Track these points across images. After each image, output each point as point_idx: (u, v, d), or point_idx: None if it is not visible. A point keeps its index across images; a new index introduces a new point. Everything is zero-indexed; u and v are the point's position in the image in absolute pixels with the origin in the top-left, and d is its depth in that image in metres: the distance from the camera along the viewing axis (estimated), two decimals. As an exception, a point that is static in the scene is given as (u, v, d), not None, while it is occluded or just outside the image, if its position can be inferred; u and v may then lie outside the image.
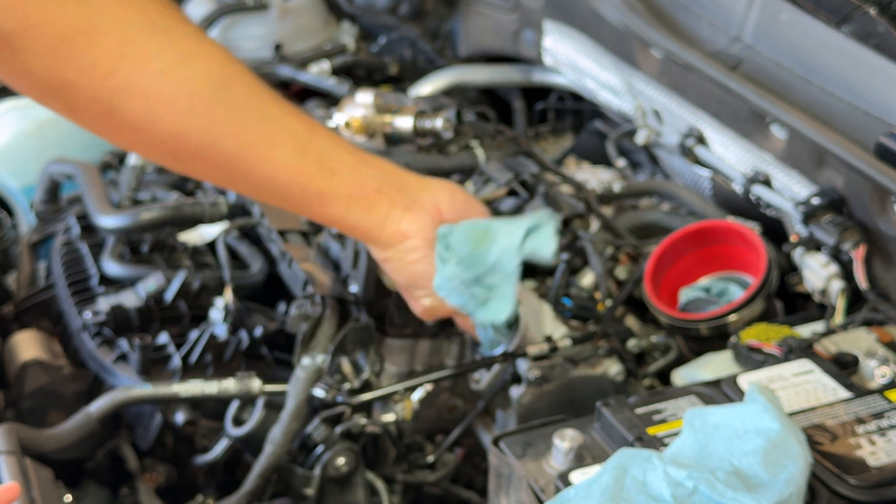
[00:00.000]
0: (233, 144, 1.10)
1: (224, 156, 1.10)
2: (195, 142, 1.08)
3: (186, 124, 1.06)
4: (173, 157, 1.12)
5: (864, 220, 1.34)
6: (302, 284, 1.43)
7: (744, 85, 1.44)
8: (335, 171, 1.17)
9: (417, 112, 1.64)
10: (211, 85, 1.07)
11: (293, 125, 1.14)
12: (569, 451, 1.00)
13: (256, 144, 1.11)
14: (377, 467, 1.34)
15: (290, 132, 1.14)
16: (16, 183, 1.86)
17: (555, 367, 1.32)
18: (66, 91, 1.00)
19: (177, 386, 1.32)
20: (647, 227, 1.64)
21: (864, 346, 1.19)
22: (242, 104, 1.10)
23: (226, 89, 1.08)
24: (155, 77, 1.03)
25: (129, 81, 1.01)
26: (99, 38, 0.99)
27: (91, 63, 0.99)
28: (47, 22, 0.96)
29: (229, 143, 1.10)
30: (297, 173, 1.15)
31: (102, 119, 1.05)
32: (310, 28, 2.19)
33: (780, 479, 0.89)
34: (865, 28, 1.35)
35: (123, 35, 1.00)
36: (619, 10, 1.65)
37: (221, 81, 1.08)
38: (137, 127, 1.05)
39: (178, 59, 1.04)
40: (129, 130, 1.06)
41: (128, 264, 1.57)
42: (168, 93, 1.04)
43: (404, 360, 1.41)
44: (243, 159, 1.11)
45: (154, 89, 1.03)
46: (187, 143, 1.07)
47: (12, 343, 1.50)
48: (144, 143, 1.09)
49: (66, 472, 1.27)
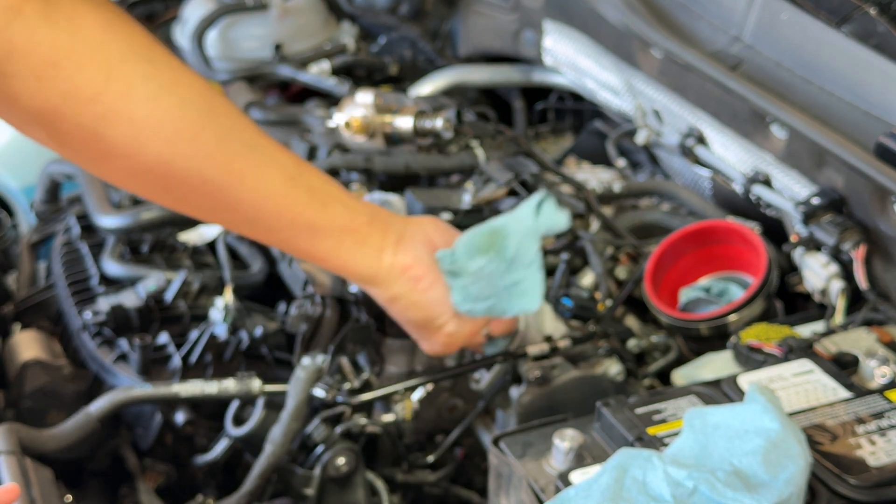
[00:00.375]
0: (221, 173, 1.07)
1: (212, 184, 1.07)
2: (182, 170, 1.06)
3: (174, 151, 1.04)
4: (161, 187, 1.09)
5: (864, 220, 1.34)
6: (302, 284, 1.43)
7: (744, 85, 1.44)
8: (325, 203, 1.14)
9: (417, 112, 1.64)
10: (198, 111, 1.05)
11: (281, 157, 1.11)
12: (569, 451, 1.00)
13: (244, 173, 1.08)
14: (377, 467, 1.34)
15: (279, 163, 1.11)
16: (16, 183, 1.86)
17: (555, 367, 1.32)
18: (50, 117, 0.99)
19: (177, 386, 1.32)
20: (647, 227, 1.64)
21: (864, 346, 1.19)
22: (229, 133, 1.07)
23: (213, 117, 1.06)
24: (141, 103, 1.01)
25: (114, 107, 1.00)
26: (84, 63, 0.97)
27: (75, 88, 0.98)
28: (32, 46, 0.95)
29: (217, 171, 1.07)
30: (287, 203, 1.11)
31: (88, 146, 1.02)
32: (310, 28, 2.19)
33: (780, 479, 0.89)
34: (865, 28, 1.35)
35: (108, 62, 0.99)
36: (619, 10, 1.65)
37: (208, 109, 1.06)
38: (123, 153, 1.03)
39: (164, 85, 1.02)
40: (115, 157, 1.03)
41: (128, 264, 1.57)
42: (154, 119, 1.02)
43: (404, 360, 1.41)
44: (231, 188, 1.08)
45: (140, 115, 1.01)
46: (175, 171, 1.05)
47: (12, 343, 1.51)
48: (131, 171, 1.06)
49: (66, 472, 1.27)
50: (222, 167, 1.07)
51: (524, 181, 1.57)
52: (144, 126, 1.02)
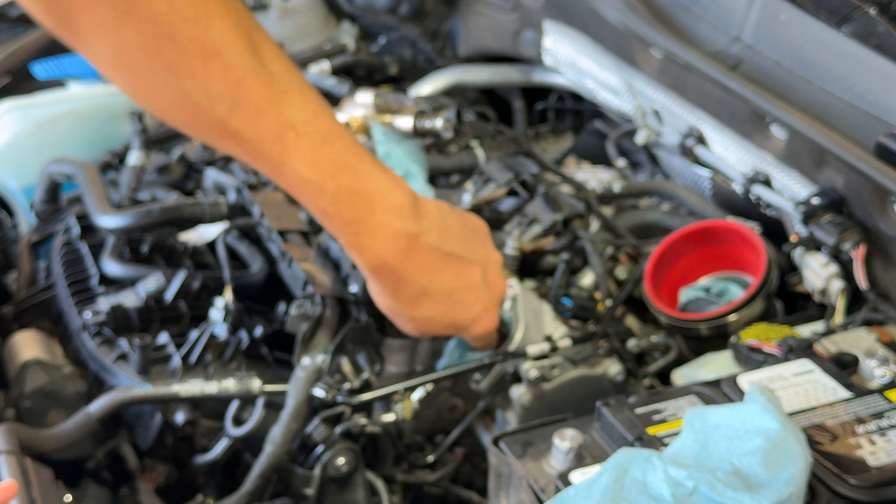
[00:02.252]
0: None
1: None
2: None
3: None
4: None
5: (864, 220, 1.34)
6: (302, 284, 1.43)
7: (744, 85, 1.44)
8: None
9: (417, 112, 1.64)
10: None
11: (291, 111, 1.08)
12: (569, 451, 1.00)
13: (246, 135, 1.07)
14: (377, 467, 1.34)
15: (285, 121, 1.09)
16: (16, 183, 1.86)
17: (555, 367, 1.32)
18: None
19: (177, 386, 1.32)
20: (647, 227, 1.64)
21: (864, 346, 1.19)
22: (255, 40, 1.06)
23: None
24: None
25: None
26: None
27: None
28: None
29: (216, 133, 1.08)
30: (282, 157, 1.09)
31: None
32: (310, 28, 2.19)
33: (780, 479, 0.89)
34: (865, 28, 1.35)
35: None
36: (619, 10, 1.65)
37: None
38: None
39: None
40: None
41: (128, 264, 1.57)
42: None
43: (404, 360, 1.41)
44: (228, 145, 1.10)
45: (161, 10, 0.99)
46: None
47: (12, 343, 1.51)
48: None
49: (66, 472, 1.27)
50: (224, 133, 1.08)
51: (524, 181, 1.57)
52: (162, 21, 1.00)
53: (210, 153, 1.76)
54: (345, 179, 1.11)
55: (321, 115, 1.09)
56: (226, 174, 1.68)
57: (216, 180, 1.69)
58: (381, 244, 1.15)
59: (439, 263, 1.19)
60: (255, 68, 1.04)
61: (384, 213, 1.14)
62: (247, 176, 1.64)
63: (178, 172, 1.80)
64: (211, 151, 1.76)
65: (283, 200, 1.57)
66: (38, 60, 1.99)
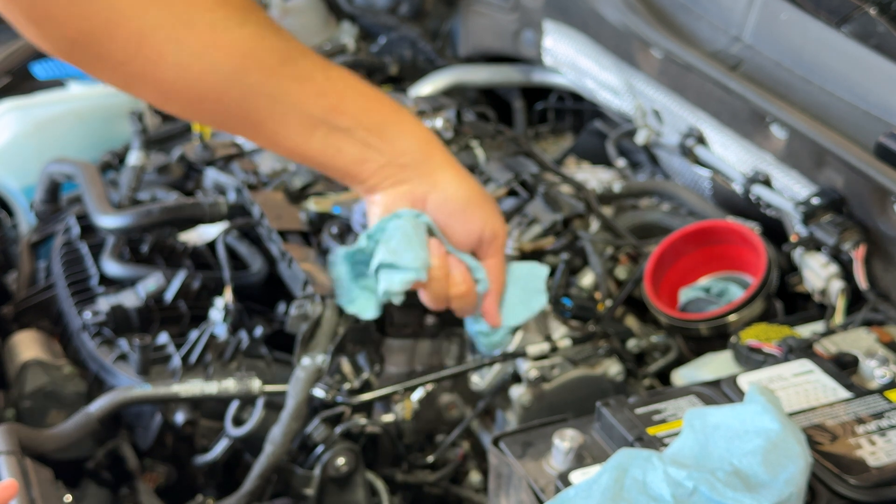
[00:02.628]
0: (240, 123, 1.16)
1: (231, 128, 1.21)
2: (204, 118, 1.31)
3: (196, 109, 1.15)
4: (182, 114, 1.27)
5: (864, 220, 1.34)
6: (302, 284, 1.43)
7: (744, 85, 1.44)
8: (340, 150, 1.18)
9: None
10: (226, 74, 1.09)
11: (307, 104, 1.15)
12: (569, 451, 1.00)
13: (263, 124, 1.15)
14: (377, 467, 1.34)
15: (301, 111, 1.15)
16: (16, 183, 1.86)
17: (555, 367, 1.32)
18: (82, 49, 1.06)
19: (177, 386, 1.32)
20: (647, 227, 1.64)
21: (864, 346, 1.19)
22: (255, 88, 1.12)
23: (241, 77, 1.10)
24: (169, 70, 1.07)
25: (142, 71, 1.07)
26: (117, 31, 1.03)
27: (107, 53, 1.05)
28: (68, 20, 1.02)
29: (237, 122, 1.16)
30: (300, 150, 1.17)
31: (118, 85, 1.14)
32: (310, 28, 2.19)
33: (780, 479, 0.89)
34: (865, 28, 1.35)
35: (142, 29, 1.04)
36: (619, 10, 1.65)
37: (238, 69, 1.10)
38: (150, 101, 1.20)
39: (195, 52, 1.07)
40: (143, 97, 1.17)
41: (128, 264, 1.57)
42: (181, 84, 1.09)
43: (404, 360, 1.41)
44: (248, 132, 1.20)
45: (167, 80, 1.08)
46: (197, 118, 1.36)
47: (12, 343, 1.51)
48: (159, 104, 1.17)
49: (66, 472, 1.27)
50: (242, 119, 1.15)
51: (524, 181, 1.57)
52: (170, 90, 1.09)
53: (210, 153, 1.76)
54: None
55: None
56: (226, 174, 1.68)
57: (216, 180, 1.69)
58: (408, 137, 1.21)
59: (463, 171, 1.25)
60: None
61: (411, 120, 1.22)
62: (247, 176, 1.64)
63: (178, 172, 1.80)
64: (211, 151, 1.76)
65: (283, 200, 1.57)
66: (38, 60, 1.99)
